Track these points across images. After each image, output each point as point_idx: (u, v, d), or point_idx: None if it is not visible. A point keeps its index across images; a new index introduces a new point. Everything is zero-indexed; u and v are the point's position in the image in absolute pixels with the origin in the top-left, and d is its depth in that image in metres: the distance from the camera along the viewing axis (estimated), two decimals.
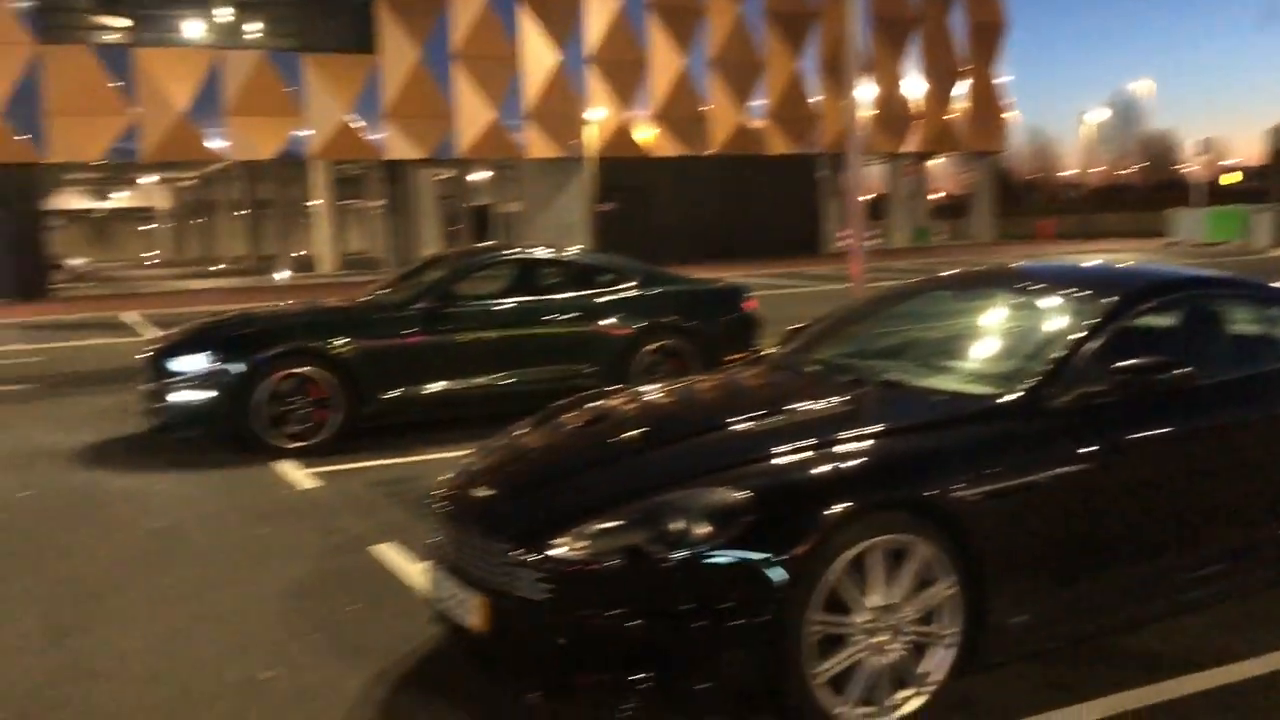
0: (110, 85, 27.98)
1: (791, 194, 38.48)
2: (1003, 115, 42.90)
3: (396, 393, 8.27)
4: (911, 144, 40.47)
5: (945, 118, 40.78)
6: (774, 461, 3.53)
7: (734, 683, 3.28)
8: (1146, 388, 3.78)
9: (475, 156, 33.90)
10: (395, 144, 31.56)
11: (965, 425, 3.71)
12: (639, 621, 3.29)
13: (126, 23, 28.83)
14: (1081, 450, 3.67)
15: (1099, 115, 54.63)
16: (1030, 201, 74.32)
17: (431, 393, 8.41)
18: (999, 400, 3.80)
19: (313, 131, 30.37)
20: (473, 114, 32.29)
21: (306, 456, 7.78)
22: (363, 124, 31.04)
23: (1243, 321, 4.63)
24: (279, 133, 30.12)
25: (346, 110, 30.66)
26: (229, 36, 29.90)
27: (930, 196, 51.52)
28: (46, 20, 27.30)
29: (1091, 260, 6.16)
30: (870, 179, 48.81)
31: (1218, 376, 4.18)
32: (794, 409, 4.05)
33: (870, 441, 3.60)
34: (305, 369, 7.97)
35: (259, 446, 7.84)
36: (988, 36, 41.42)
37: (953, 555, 3.40)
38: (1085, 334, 3.96)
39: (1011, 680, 3.74)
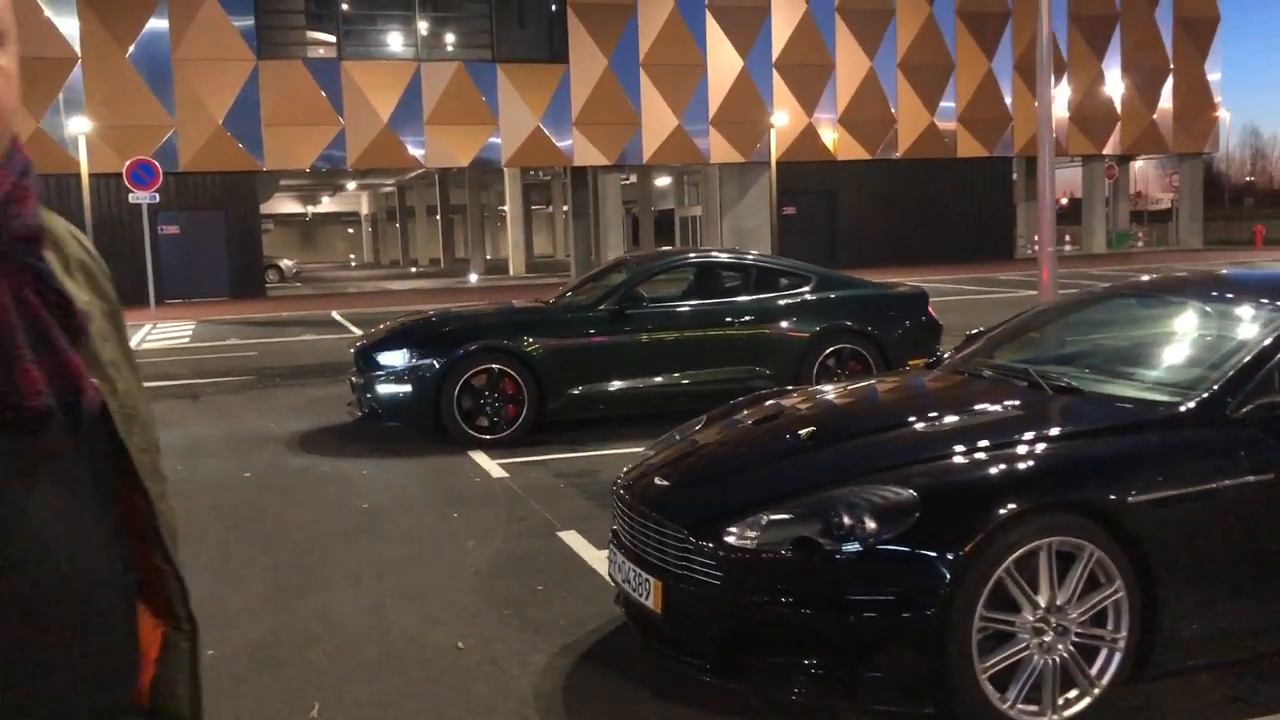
0: (320, 97, 29.81)
1: (983, 198, 37.42)
2: (1212, 115, 40.54)
3: (581, 389, 8.63)
4: (1111, 145, 38.74)
5: (1149, 118, 38.85)
6: (944, 462, 3.63)
7: (899, 674, 3.40)
8: None
9: (660, 162, 34.43)
10: (583, 150, 32.41)
11: (1138, 432, 3.71)
12: (807, 610, 3.45)
13: (334, 39, 30.64)
14: (1259, 460, 3.61)
15: None
16: (1243, 205, 69.87)
17: (614, 390, 8.74)
18: (1175, 408, 3.78)
19: (504, 139, 31.52)
20: (659, 120, 32.82)
21: (497, 448, 8.23)
22: (552, 131, 32.01)
23: None
24: (474, 140, 31.39)
25: (537, 118, 31.69)
26: (428, 49, 31.38)
27: (1137, 199, 49.21)
28: (264, 37, 29.32)
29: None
30: (1068, 182, 47.00)
31: None
32: (966, 412, 4.12)
33: (1041, 445, 3.65)
34: (497, 366, 8.42)
35: (454, 437, 8.34)
36: (1197, 31, 39.21)
37: (1121, 560, 3.43)
38: (1269, 343, 3.88)
39: (1187, 690, 3.71)
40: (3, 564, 0.99)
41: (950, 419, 4.07)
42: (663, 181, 46.56)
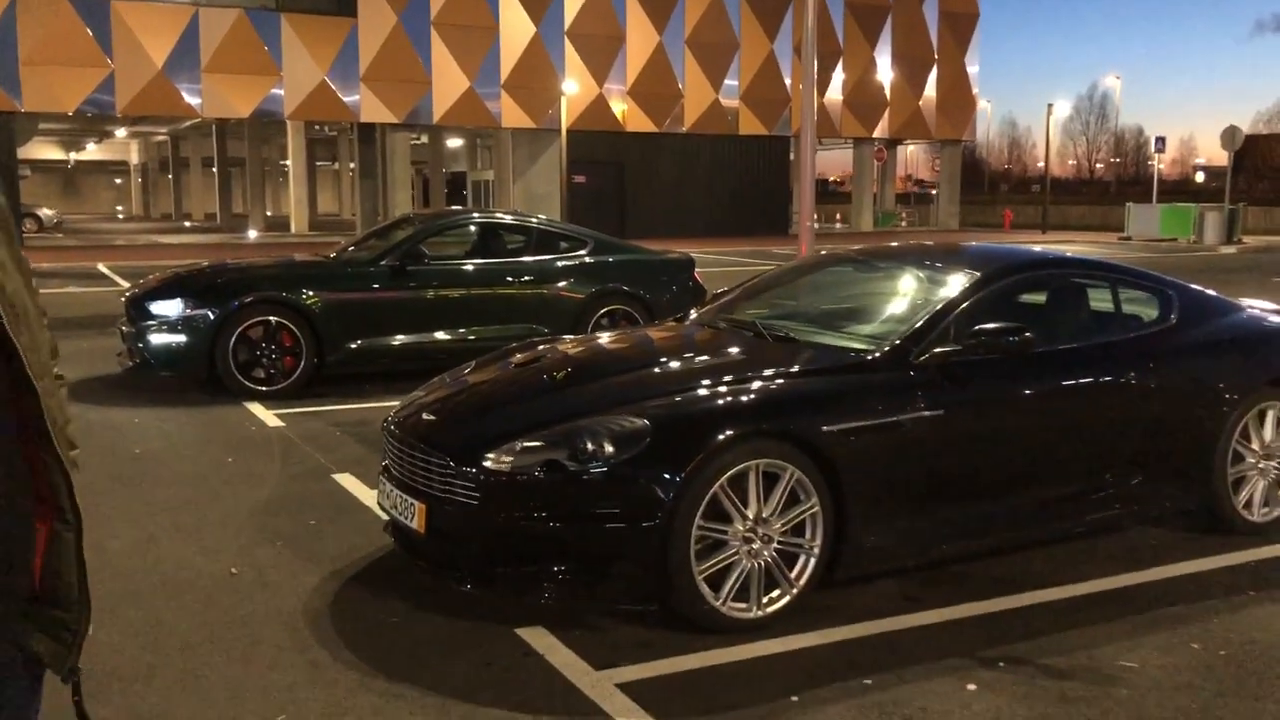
0: (87, 35, 28.12)
1: (762, 175, 39.10)
2: (971, 104, 43.65)
3: (360, 343, 8.85)
4: (880, 129, 41.16)
5: (916, 104, 41.47)
6: (673, 397, 4.19)
7: (633, 576, 3.94)
8: (993, 350, 4.46)
9: (450, 123, 34.25)
10: (370, 107, 31.87)
11: (836, 374, 4.38)
12: (555, 524, 3.94)
13: None
14: (933, 399, 4.34)
15: (1066, 108, 55.48)
16: (998, 191, 75.44)
17: (394, 345, 9.00)
18: (867, 355, 4.47)
19: (287, 91, 30.63)
20: (450, 81, 32.63)
21: (273, 399, 8.36)
22: (338, 86, 31.32)
23: (1097, 299, 5.32)
24: (255, 91, 30.36)
25: (323, 71, 30.93)
26: None
27: (903, 181, 52.37)
28: None
29: (979, 244, 6.84)
30: (840, 163, 49.48)
31: (1062, 344, 4.88)
32: (699, 357, 4.72)
33: (755, 383, 4.25)
34: (275, 318, 8.53)
35: (230, 388, 8.41)
36: (959, 25, 42.09)
37: (816, 479, 4.07)
38: (947, 302, 4.64)
39: (871, 591, 4.42)
40: None
41: (685, 362, 4.65)
42: (454, 144, 46.19)
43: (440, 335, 9.19)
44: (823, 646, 3.94)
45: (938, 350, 4.46)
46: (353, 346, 8.82)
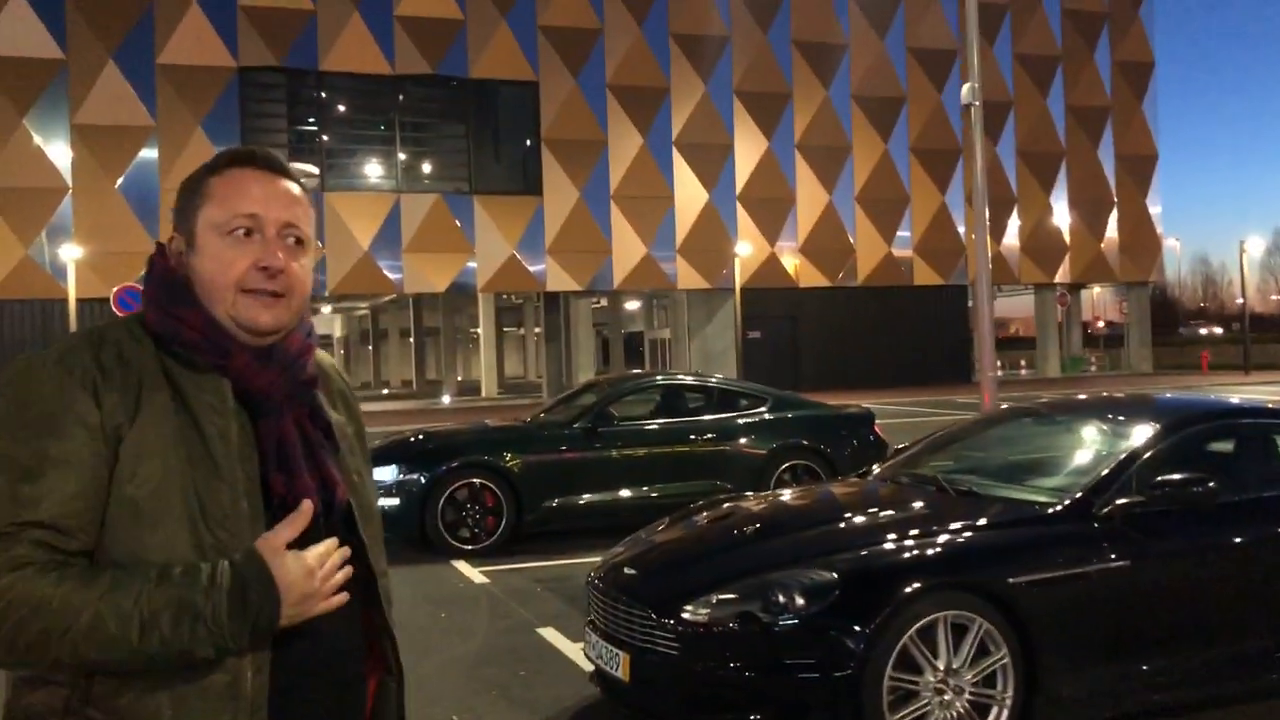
0: None
1: (939, 324, 38.87)
2: (1156, 244, 42.58)
3: (556, 502, 9.37)
4: (1061, 274, 40.51)
5: (1096, 247, 40.76)
6: (861, 550, 4.42)
7: None
8: (1178, 500, 4.52)
9: (629, 288, 35.71)
10: (555, 276, 33.64)
11: (1021, 526, 4.53)
12: (750, 674, 4.19)
13: (317, 170, 31.97)
14: (1119, 550, 4.42)
15: (1260, 244, 53.27)
16: (1193, 331, 72.23)
17: (586, 502, 9.48)
18: (1051, 507, 4.61)
19: (480, 265, 32.73)
20: (628, 248, 34.22)
21: (478, 557, 8.90)
22: (525, 258, 33.28)
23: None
24: (451, 267, 32.57)
25: (512, 246, 32.98)
26: (408, 181, 32.75)
27: (1094, 325, 50.96)
28: None
29: (1167, 394, 6.82)
30: (1023, 309, 48.69)
31: (1251, 494, 4.87)
32: (884, 511, 4.95)
33: (940, 537, 4.45)
34: (479, 480, 9.15)
35: (438, 547, 9.01)
36: (1138, 167, 41.49)
37: (1005, 631, 4.19)
38: (1129, 454, 4.75)
39: None
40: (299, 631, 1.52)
41: (871, 517, 4.89)
42: (632, 305, 47.89)
43: (629, 492, 9.61)
44: None
45: (1121, 501, 4.55)
46: (550, 505, 9.33)
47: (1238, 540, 4.70)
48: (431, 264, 32.32)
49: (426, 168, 33.69)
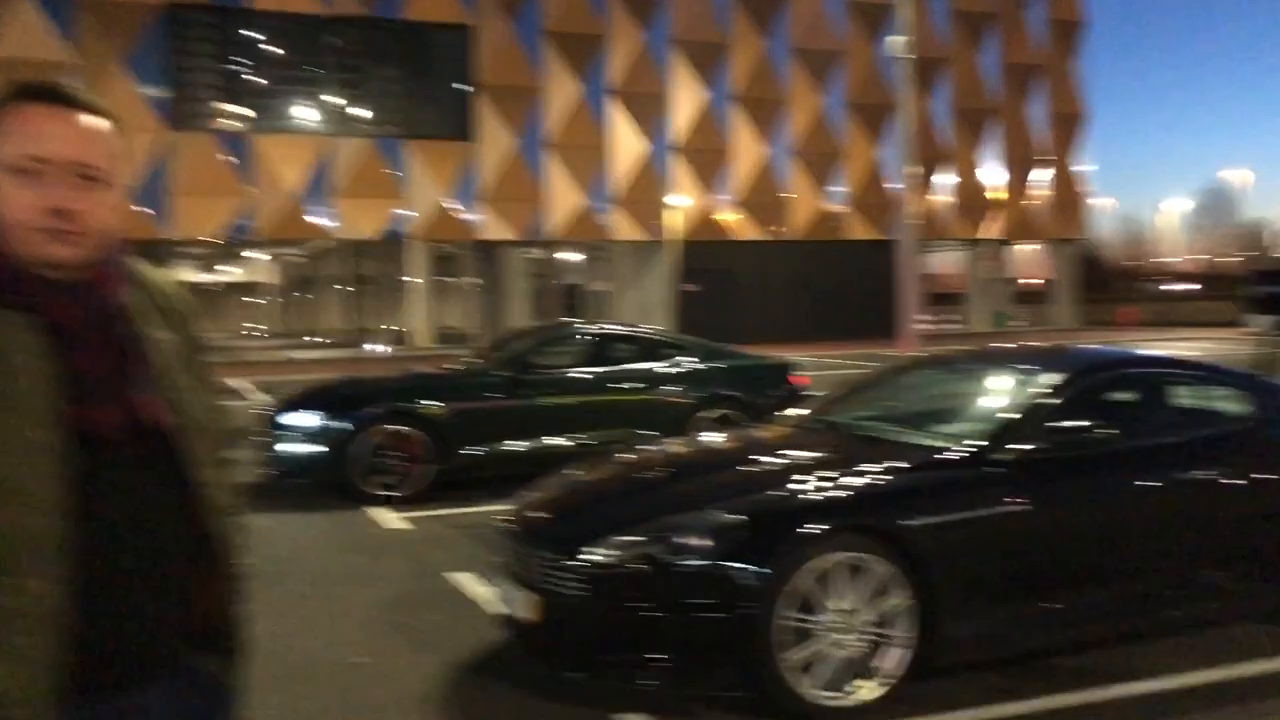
0: (230, 169, 30.27)
1: (871, 278, 39.27)
2: (1083, 203, 43.32)
3: (480, 450, 9.34)
4: (991, 230, 41.09)
5: (1025, 205, 41.35)
6: (765, 493, 4.47)
7: (726, 665, 4.19)
8: (1076, 445, 4.63)
9: (564, 238, 35.51)
10: (489, 225, 33.34)
11: (921, 471, 4.61)
12: (654, 614, 4.22)
13: (247, 112, 31.22)
14: (1017, 495, 4.52)
15: (1184, 204, 54.42)
16: (1118, 288, 73.78)
17: (511, 450, 9.46)
18: (951, 453, 4.69)
19: (413, 213, 32.30)
20: (563, 198, 34.00)
21: (400, 504, 8.86)
22: (459, 206, 32.91)
23: (1185, 396, 5.44)
24: (382, 213, 32.13)
25: (445, 193, 32.58)
26: (339, 124, 32.11)
27: (1019, 281, 51.80)
28: (176, 109, 29.75)
29: (1071, 344, 6.97)
30: (953, 265, 49.38)
31: (1147, 441, 5.00)
32: (791, 456, 5.00)
33: (842, 480, 4.51)
34: (401, 426, 9.09)
35: (357, 494, 8.95)
36: (1068, 126, 42.09)
37: (903, 573, 4.27)
38: (1029, 402, 4.84)
39: (961, 683, 4.55)
40: (103, 536, 1.60)
41: (777, 460, 4.94)
42: (569, 257, 47.69)
43: (554, 441, 9.61)
44: None
45: (1021, 448, 4.65)
46: (473, 453, 9.30)
47: (1132, 485, 4.83)
48: (363, 210, 31.86)
49: (359, 112, 33.07)
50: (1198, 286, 64.17)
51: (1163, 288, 67.27)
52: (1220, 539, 4.97)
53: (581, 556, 4.34)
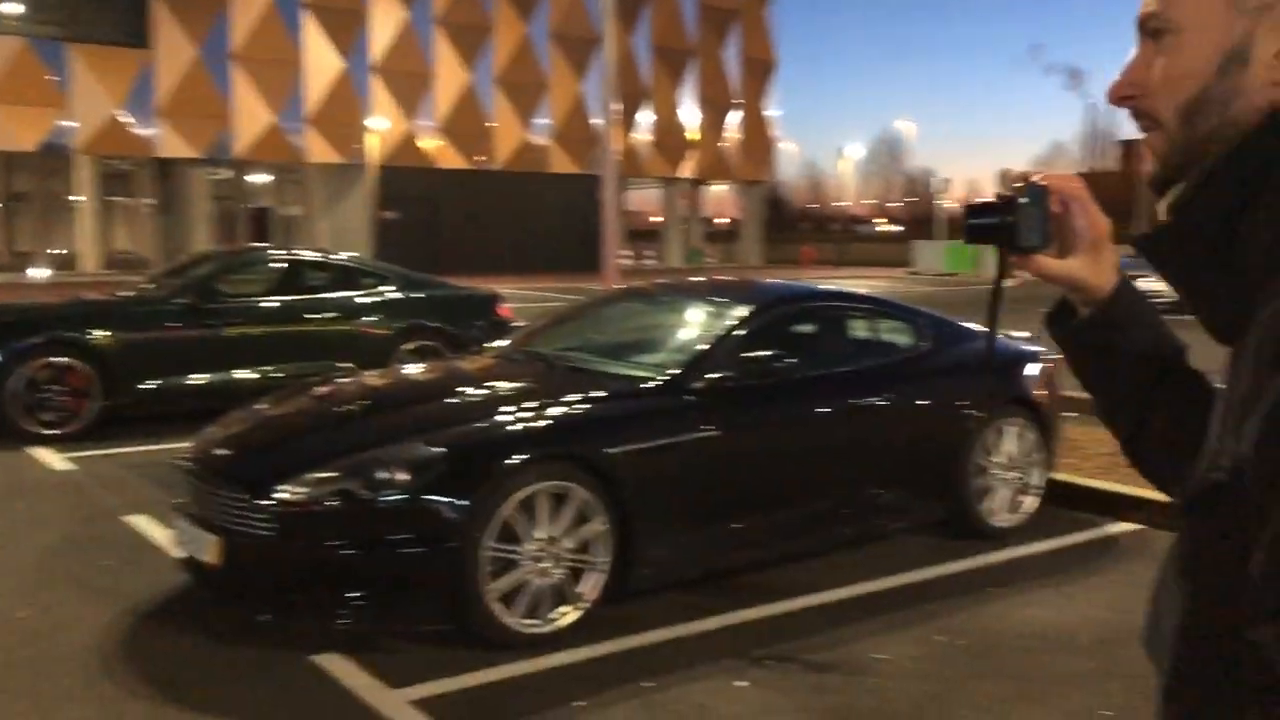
0: None
1: (574, 212, 39.72)
2: (772, 147, 45.63)
3: (156, 383, 8.66)
4: (686, 170, 42.51)
5: (719, 146, 43.04)
6: (467, 425, 4.41)
7: (428, 599, 4.12)
8: (763, 374, 4.87)
9: (253, 158, 33.44)
10: (168, 141, 30.82)
11: (620, 400, 4.69)
12: (351, 552, 4.08)
13: None
14: (709, 421, 4.70)
15: (858, 151, 58.62)
16: (801, 229, 78.67)
17: (192, 384, 8.84)
18: (649, 382, 4.81)
19: (78, 124, 29.30)
20: (251, 115, 31.93)
21: (63, 443, 8.08)
22: (132, 119, 30.17)
23: (861, 328, 5.85)
24: (40, 123, 28.92)
25: (116, 104, 29.74)
26: None
27: (712, 220, 54.05)
28: None
29: (759, 279, 7.34)
30: (651, 202, 50.79)
31: (827, 370, 5.34)
32: (493, 387, 4.95)
33: (545, 410, 4.52)
34: (63, 358, 8.27)
35: (14, 432, 8.09)
36: (758, 72, 44.02)
37: (603, 499, 4.35)
38: (722, 332, 5.04)
39: (654, 604, 4.71)
40: None
41: (479, 392, 4.88)
42: (260, 179, 44.99)
43: (241, 374, 9.06)
44: (609, 656, 4.21)
45: (713, 376, 4.83)
46: (147, 387, 8.62)
47: (815, 411, 5.15)
48: (17, 118, 28.55)
49: (10, 7, 29.47)
50: (900, 228, 69.01)
51: (860, 229, 71.99)
52: (887, 460, 5.40)
53: (273, 495, 4.12)
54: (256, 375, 9.08)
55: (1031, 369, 6.09)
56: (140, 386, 8.57)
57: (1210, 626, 0.84)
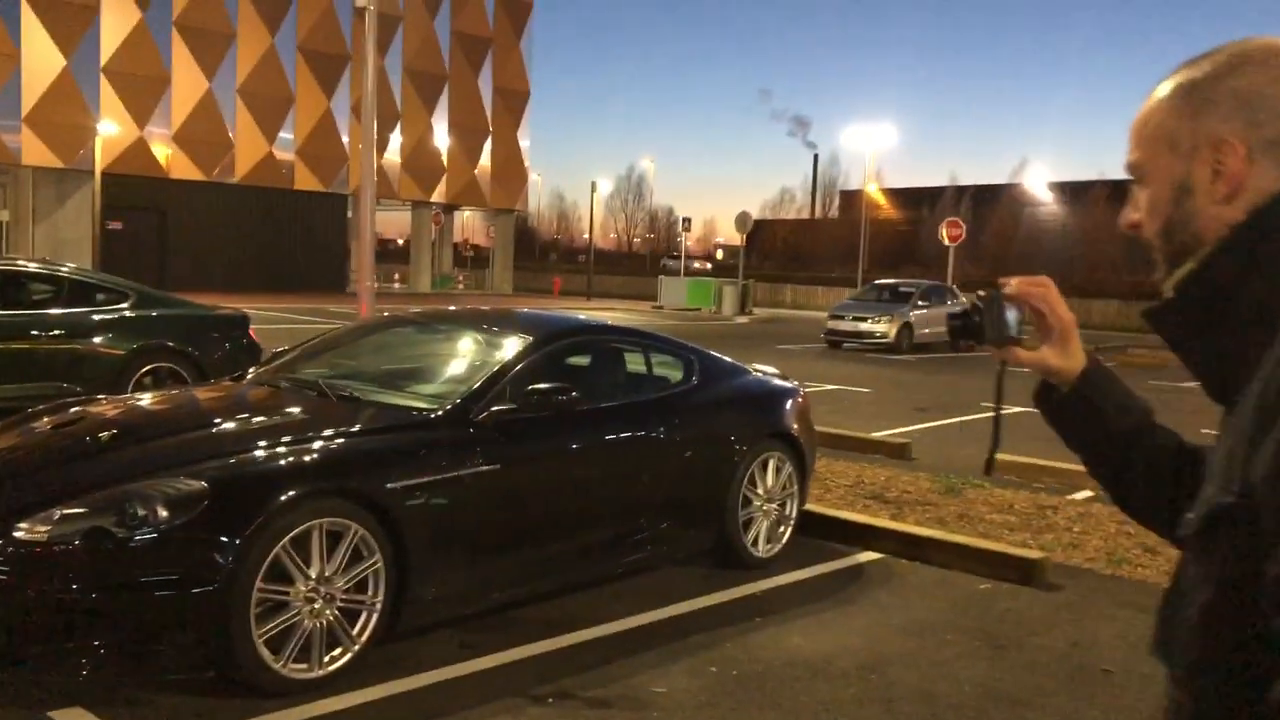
0: None
1: (319, 232, 38.38)
2: (524, 176, 45.82)
3: None
4: (438, 194, 41.99)
5: (471, 172, 42.80)
6: (234, 457, 4.14)
7: (188, 645, 3.83)
8: (544, 407, 4.86)
9: None
10: None
11: (399, 432, 4.56)
12: (98, 594, 3.74)
13: None
14: (491, 455, 4.64)
15: (606, 187, 59.88)
16: (549, 259, 79.39)
17: None
18: (430, 414, 4.70)
19: None
20: None
21: None
22: None
23: (632, 362, 5.95)
24: None
25: None
26: None
27: (461, 246, 53.51)
28: None
29: (530, 310, 7.36)
30: (400, 225, 49.85)
31: (603, 402, 5.40)
32: (260, 416, 4.70)
33: (318, 442, 4.32)
34: None
35: None
36: (512, 102, 44.16)
37: (380, 535, 4.20)
38: (505, 363, 5.00)
39: (429, 643, 4.59)
40: None
41: (244, 422, 4.61)
42: None
43: None
44: (383, 700, 4.05)
45: (495, 408, 4.77)
46: None
47: (593, 444, 5.18)
48: None
49: None
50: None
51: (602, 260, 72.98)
52: (656, 491, 5.50)
53: (11, 534, 3.72)
54: None
55: (788, 404, 6.39)
56: None
57: (1231, 621, 1.00)
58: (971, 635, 5.10)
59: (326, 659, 4.09)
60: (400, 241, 50.91)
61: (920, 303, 23.47)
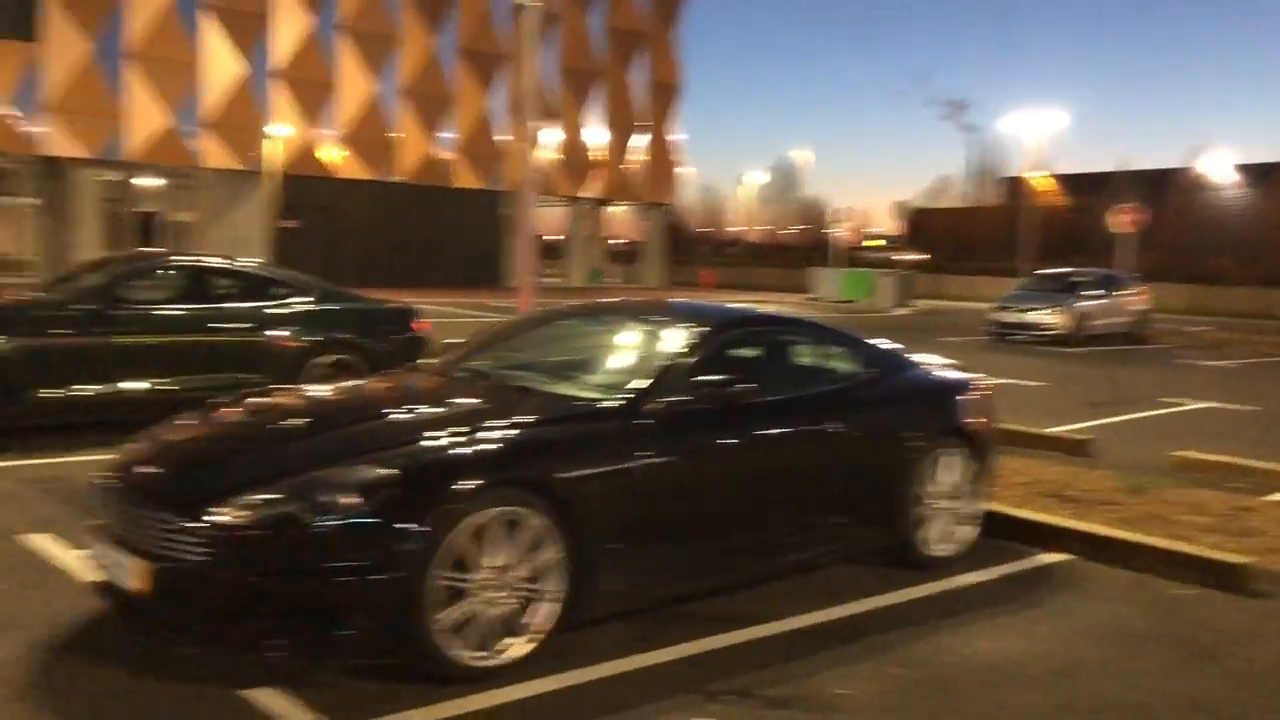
0: None
1: (477, 227, 39.29)
2: (675, 170, 45.89)
3: (46, 393, 8.16)
4: (591, 190, 42.47)
5: (623, 167, 43.10)
6: (415, 446, 4.19)
7: (373, 630, 3.88)
8: (717, 399, 4.77)
9: (145, 160, 32.24)
10: (54, 140, 29.51)
11: (575, 422, 4.54)
12: (291, 579, 3.83)
13: None
14: (664, 447, 4.58)
15: (757, 178, 59.40)
16: (698, 252, 79.32)
17: (87, 394, 8.36)
18: (602, 405, 4.66)
19: None
20: (145, 116, 30.80)
21: None
22: (18, 114, 28.83)
23: (803, 354, 5.81)
24: None
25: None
26: None
27: (610, 240, 53.99)
28: None
29: (700, 301, 7.28)
30: (552, 220, 50.61)
31: (776, 395, 5.27)
32: (439, 406, 4.74)
33: (496, 432, 4.33)
34: None
35: None
36: (664, 96, 44.27)
37: (558, 526, 4.19)
38: (677, 354, 4.93)
39: (606, 633, 4.56)
40: None
41: (425, 411, 4.66)
42: (148, 182, 43.42)
43: (140, 385, 8.62)
44: (560, 690, 4.04)
45: (669, 400, 4.71)
46: (39, 396, 8.12)
47: (766, 437, 5.07)
48: None
49: None
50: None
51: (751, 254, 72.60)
52: (828, 487, 5.35)
53: (207, 518, 3.85)
54: (157, 388, 8.64)
55: (967, 399, 6.14)
56: (39, 396, 8.07)
57: None
58: (1172, 644, 4.79)
59: (503, 647, 4.10)
60: (548, 238, 51.64)
61: (1092, 292, 22.42)
